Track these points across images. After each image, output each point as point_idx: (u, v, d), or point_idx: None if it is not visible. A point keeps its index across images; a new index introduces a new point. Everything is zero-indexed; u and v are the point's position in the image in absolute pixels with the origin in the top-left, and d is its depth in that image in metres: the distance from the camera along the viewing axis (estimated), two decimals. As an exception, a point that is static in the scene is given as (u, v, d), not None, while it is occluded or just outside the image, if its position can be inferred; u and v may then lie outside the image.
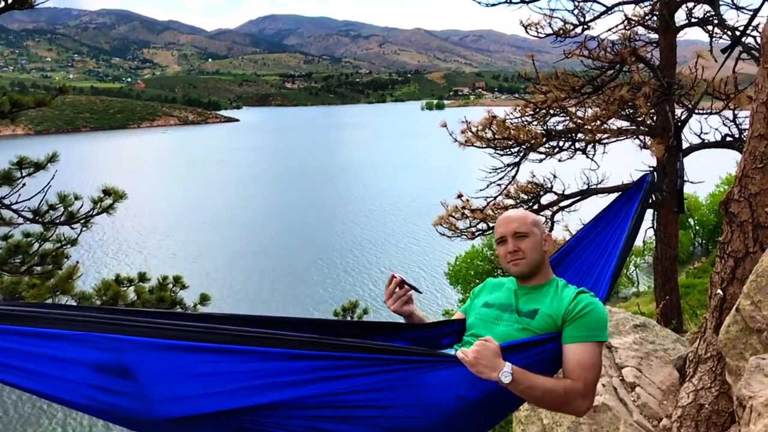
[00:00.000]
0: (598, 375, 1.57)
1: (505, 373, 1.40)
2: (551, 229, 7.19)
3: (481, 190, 7.59)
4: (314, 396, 1.35)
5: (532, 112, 7.50)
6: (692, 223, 28.61)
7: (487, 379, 1.41)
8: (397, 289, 1.79)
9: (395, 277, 1.79)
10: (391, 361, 1.40)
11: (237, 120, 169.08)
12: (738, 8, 6.91)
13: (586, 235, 2.13)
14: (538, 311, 1.62)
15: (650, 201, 7.58)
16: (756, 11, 6.53)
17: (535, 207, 7.46)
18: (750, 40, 6.53)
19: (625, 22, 7.42)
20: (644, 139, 7.15)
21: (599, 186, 7.11)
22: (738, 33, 6.61)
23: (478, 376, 1.41)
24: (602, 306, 1.65)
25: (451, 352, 1.58)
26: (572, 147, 7.29)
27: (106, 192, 5.76)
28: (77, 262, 6.00)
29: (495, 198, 7.52)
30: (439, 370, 1.43)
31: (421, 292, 1.89)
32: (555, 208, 7.33)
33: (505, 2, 7.74)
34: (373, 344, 1.47)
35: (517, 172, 7.55)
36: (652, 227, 7.16)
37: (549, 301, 1.64)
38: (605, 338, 1.60)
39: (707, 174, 9.47)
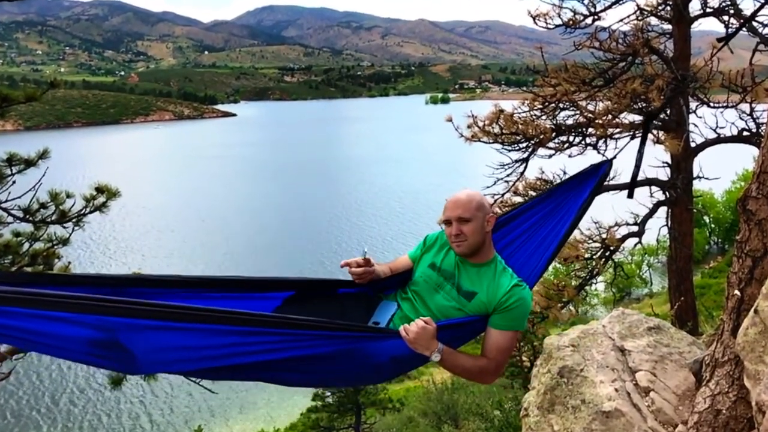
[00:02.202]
0: (509, 356, 1.95)
1: (436, 354, 1.74)
2: None
3: (488, 186, 7.37)
4: (278, 360, 1.66)
5: (540, 106, 7.28)
6: (708, 221, 27.86)
7: (421, 354, 1.74)
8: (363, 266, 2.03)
9: (363, 261, 2.02)
10: (352, 337, 1.74)
11: (234, 114, 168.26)
12: (755, -3, 6.69)
13: (532, 207, 2.27)
14: (475, 295, 1.88)
15: (664, 198, 7.46)
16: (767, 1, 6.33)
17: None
18: (768, 30, 6.32)
19: (637, 12, 7.22)
20: (657, 133, 6.96)
21: (611, 183, 6.87)
22: (755, 24, 6.40)
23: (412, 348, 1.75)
24: (530, 299, 1.89)
25: (393, 308, 1.99)
26: (583, 142, 7.07)
27: (99, 189, 5.61)
28: (69, 262, 5.83)
29: (503, 195, 7.31)
30: (383, 341, 1.79)
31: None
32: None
33: (513, -9, 7.50)
34: (336, 323, 1.74)
35: (525, 168, 7.33)
36: (666, 225, 6.98)
37: (486, 286, 1.88)
38: (523, 328, 1.92)
39: (723, 170, 9.28)
